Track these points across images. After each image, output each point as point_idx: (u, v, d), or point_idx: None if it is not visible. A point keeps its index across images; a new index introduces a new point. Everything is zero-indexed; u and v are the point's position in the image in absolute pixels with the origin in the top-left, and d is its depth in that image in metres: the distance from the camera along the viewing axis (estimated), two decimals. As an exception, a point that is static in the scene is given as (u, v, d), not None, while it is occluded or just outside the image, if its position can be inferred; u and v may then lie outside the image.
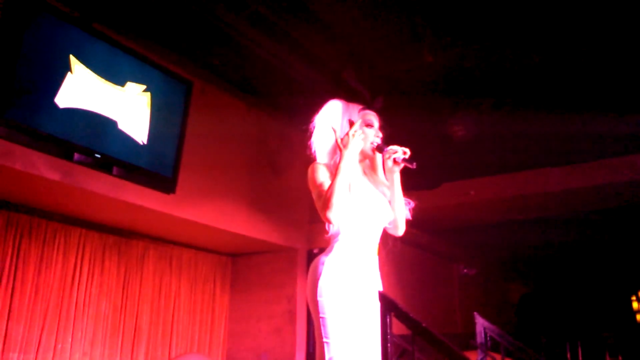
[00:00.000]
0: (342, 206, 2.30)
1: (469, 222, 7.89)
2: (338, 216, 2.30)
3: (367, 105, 2.62)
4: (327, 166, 2.43)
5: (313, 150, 2.53)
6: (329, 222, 2.31)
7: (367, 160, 2.57)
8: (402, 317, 2.26)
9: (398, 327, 2.32)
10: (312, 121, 2.56)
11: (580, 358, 7.14)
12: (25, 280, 4.95)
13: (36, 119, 4.17)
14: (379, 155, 2.56)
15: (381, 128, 2.55)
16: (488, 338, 4.08)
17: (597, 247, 9.00)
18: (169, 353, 6.14)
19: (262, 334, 6.65)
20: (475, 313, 4.17)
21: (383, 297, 2.29)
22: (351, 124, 2.44)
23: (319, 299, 2.29)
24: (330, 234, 2.42)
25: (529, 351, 3.84)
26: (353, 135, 2.34)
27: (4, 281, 4.80)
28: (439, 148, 6.05)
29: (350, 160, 2.34)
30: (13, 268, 4.89)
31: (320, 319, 2.28)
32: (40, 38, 4.19)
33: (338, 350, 2.25)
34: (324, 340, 2.26)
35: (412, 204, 2.57)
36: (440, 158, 6.27)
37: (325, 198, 2.28)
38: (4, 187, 4.63)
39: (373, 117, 2.56)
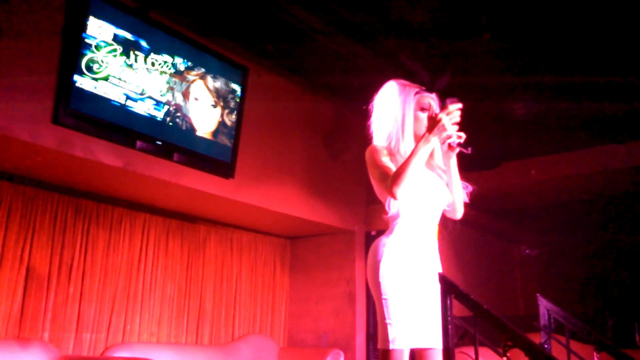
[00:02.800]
0: (410, 185, 2.27)
1: (530, 202, 7.71)
2: (404, 194, 2.26)
3: (427, 86, 2.55)
4: (387, 148, 2.41)
5: (371, 131, 2.51)
6: (394, 198, 2.27)
7: None
8: (463, 298, 2.23)
9: (459, 309, 2.29)
10: (371, 102, 2.53)
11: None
12: (94, 264, 5.16)
13: (99, 109, 4.31)
14: None
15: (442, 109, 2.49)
16: (552, 320, 3.99)
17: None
18: (232, 334, 6.29)
19: (321, 315, 6.71)
20: (538, 295, 4.08)
21: (443, 279, 2.27)
22: (444, 107, 2.35)
23: (380, 280, 2.29)
24: (389, 215, 2.41)
25: (595, 333, 3.73)
26: (440, 121, 2.25)
27: (75, 265, 5.02)
28: (498, 127, 5.93)
29: (431, 145, 2.28)
30: (83, 253, 5.10)
31: (383, 301, 2.28)
32: (100, 30, 4.31)
33: (400, 331, 2.25)
34: (386, 321, 2.27)
35: (470, 187, 2.53)
36: (500, 137, 6.14)
37: (396, 174, 2.24)
38: (71, 176, 4.81)
39: (430, 100, 2.50)
